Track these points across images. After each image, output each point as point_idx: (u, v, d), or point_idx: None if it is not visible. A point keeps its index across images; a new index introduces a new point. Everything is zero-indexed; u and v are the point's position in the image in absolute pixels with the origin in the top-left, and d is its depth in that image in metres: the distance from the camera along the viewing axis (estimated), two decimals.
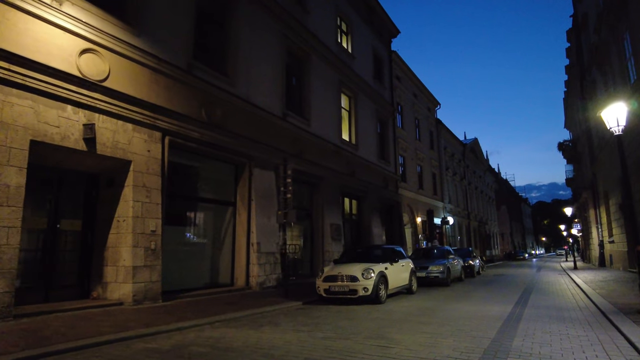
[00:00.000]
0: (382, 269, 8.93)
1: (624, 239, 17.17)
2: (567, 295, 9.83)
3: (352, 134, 18.68)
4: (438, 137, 33.21)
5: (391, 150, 22.94)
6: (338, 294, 8.57)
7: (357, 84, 19.09)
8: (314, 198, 14.98)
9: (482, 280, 15.99)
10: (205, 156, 10.83)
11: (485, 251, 43.53)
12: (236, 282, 11.12)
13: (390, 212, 22.18)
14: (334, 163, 16.09)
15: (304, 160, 14.13)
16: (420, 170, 28.38)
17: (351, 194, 17.85)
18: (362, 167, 18.66)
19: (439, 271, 12.61)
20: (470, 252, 19.12)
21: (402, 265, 10.13)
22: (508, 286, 12.87)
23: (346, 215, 17.69)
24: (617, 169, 17.74)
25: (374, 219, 19.10)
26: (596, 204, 22.93)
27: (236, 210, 11.46)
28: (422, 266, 12.69)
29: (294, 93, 14.87)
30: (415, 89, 28.95)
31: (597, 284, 11.62)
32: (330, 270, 8.98)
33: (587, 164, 25.77)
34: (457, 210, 35.83)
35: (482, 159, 49.70)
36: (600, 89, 19.45)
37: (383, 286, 8.79)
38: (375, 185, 19.74)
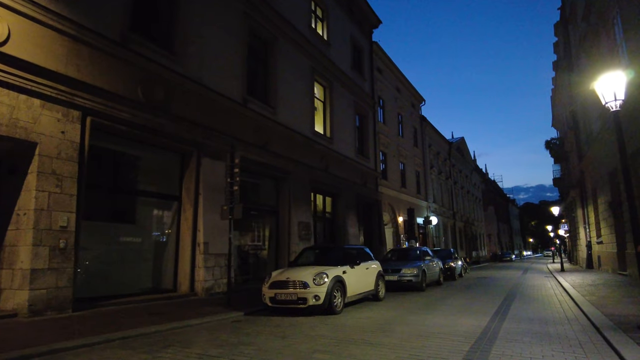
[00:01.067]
0: (338, 273, 7.61)
1: (613, 239, 16.12)
2: (553, 303, 8.63)
3: (326, 126, 17.39)
4: (422, 134, 32.08)
5: (371, 146, 21.70)
6: (285, 303, 7.24)
7: (332, 73, 17.80)
8: (280, 194, 13.63)
9: (462, 284, 14.78)
10: (143, 142, 9.41)
11: (471, 252, 42.56)
12: (179, 288, 9.72)
13: (369, 210, 20.93)
14: (304, 156, 14.77)
15: (269, 152, 12.79)
16: (403, 168, 27.20)
17: (324, 190, 16.54)
18: (338, 162, 17.37)
19: (412, 274, 11.33)
20: (451, 253, 17.92)
21: (366, 268, 8.83)
22: (489, 291, 11.66)
23: (318, 213, 16.38)
24: (606, 166, 16.73)
25: (350, 217, 17.82)
26: (584, 203, 21.95)
27: (181, 206, 10.06)
28: (394, 269, 11.42)
29: (258, 78, 13.52)
30: (398, 83, 27.77)
31: (586, 289, 10.47)
32: (278, 275, 7.64)
33: (575, 163, 24.83)
34: (442, 210, 34.75)
35: (469, 158, 48.80)
36: (588, 80, 18.43)
37: (339, 293, 7.47)
38: (352, 182, 18.47)
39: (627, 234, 14.04)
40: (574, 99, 22.78)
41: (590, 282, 12.53)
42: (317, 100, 17.38)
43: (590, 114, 18.85)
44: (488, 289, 12.53)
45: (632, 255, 13.64)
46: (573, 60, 21.83)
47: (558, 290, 11.54)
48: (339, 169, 17.36)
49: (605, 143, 16.21)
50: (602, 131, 16.04)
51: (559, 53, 26.73)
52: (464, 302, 9.03)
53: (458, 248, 37.57)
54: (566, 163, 30.14)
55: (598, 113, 16.69)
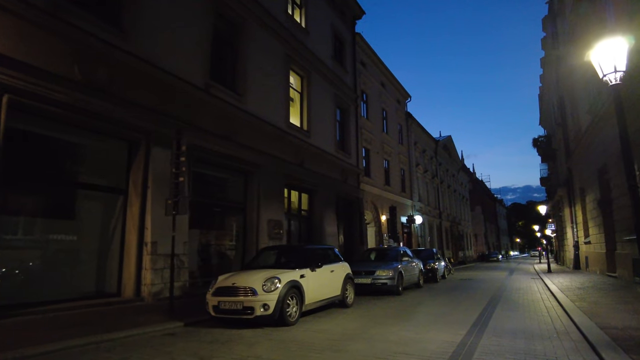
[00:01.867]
0: (295, 277, 6.60)
1: (602, 239, 15.39)
2: (540, 310, 7.73)
3: (303, 119, 16.36)
4: (408, 131, 31.23)
5: (353, 141, 20.73)
6: (229, 313, 6.19)
7: (310, 63, 16.78)
8: (248, 189, 12.55)
9: (444, 286, 13.88)
10: (83, 128, 8.29)
11: (457, 252, 41.92)
12: (123, 292, 8.60)
13: (350, 209, 19.95)
14: (277, 149, 13.73)
15: (235, 143, 11.72)
16: (387, 166, 26.30)
17: (300, 186, 15.51)
18: (316, 157, 16.36)
19: (387, 277, 10.36)
20: (433, 253, 17.02)
21: (331, 271, 7.82)
22: (471, 295, 10.77)
23: (293, 211, 15.35)
24: (594, 162, 16.01)
25: (328, 215, 16.82)
26: (572, 202, 21.28)
27: (128, 200, 8.95)
28: (367, 271, 10.46)
29: (225, 63, 12.44)
30: (383, 77, 26.86)
31: (575, 293, 9.62)
32: (224, 280, 6.60)
33: (562, 161, 24.20)
34: (428, 209, 33.97)
35: (456, 157, 48.20)
36: (577, 75, 17.71)
37: (295, 301, 6.46)
38: (331, 178, 17.47)
39: (617, 233, 13.29)
40: (561, 94, 22.11)
41: (579, 285, 11.72)
42: (294, 91, 16.36)
43: (578, 108, 18.14)
44: (470, 292, 11.64)
45: (622, 256, 12.88)
46: (561, 54, 21.14)
47: (545, 294, 10.69)
48: (316, 164, 16.36)
49: (593, 139, 15.47)
50: (590, 126, 15.29)
51: (547, 48, 26.09)
52: (441, 309, 8.09)
53: (444, 248, 36.87)
54: (553, 162, 29.57)
55: (587, 108, 15.95)
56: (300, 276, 6.71)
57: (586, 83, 15.96)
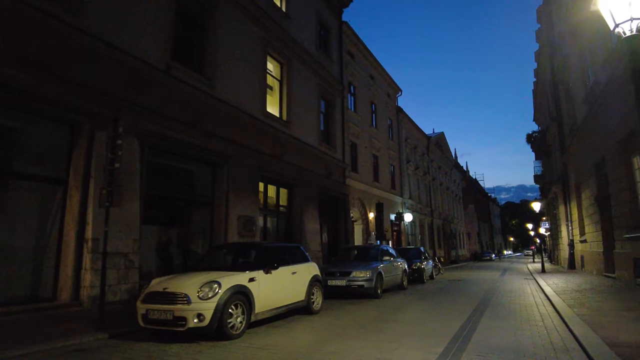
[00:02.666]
0: (241, 281, 5.54)
1: (599, 237, 14.47)
2: (533, 319, 6.74)
3: (283, 108, 15.31)
4: (399, 126, 30.25)
5: (338, 135, 19.71)
6: (158, 324, 5.13)
7: (291, 50, 15.73)
8: (216, 182, 11.48)
9: (430, 288, 12.88)
10: (14, 109, 7.21)
11: (449, 251, 41.06)
12: (59, 296, 7.51)
13: (334, 205, 18.95)
14: (252, 140, 12.68)
15: (201, 131, 10.66)
16: (376, 161, 25.30)
17: (278, 180, 14.46)
18: (296, 150, 15.32)
19: (364, 278, 9.34)
20: (421, 252, 16.02)
21: (292, 272, 6.79)
22: (458, 299, 9.78)
23: (270, 206, 14.30)
24: (592, 156, 15.09)
25: (309, 212, 15.79)
26: (567, 199, 20.39)
27: (67, 192, 7.85)
28: (343, 271, 9.43)
29: (192, 44, 11.38)
30: (372, 70, 25.85)
31: (572, 296, 8.67)
32: (158, 284, 5.54)
33: (557, 157, 23.32)
34: (419, 207, 33.03)
35: (449, 154, 47.33)
36: (573, 64, 16.79)
37: (240, 310, 5.41)
38: (313, 172, 16.44)
39: (616, 231, 12.36)
40: (556, 85, 21.20)
41: (576, 287, 10.78)
42: (273, 79, 15.32)
43: (574, 100, 17.23)
44: (457, 295, 10.66)
45: (622, 256, 11.95)
46: (556, 44, 20.23)
47: (539, 297, 9.72)
48: (297, 157, 15.32)
49: (591, 131, 14.55)
50: (588, 117, 14.37)
51: (541, 40, 25.20)
52: (420, 316, 7.09)
53: (436, 247, 35.98)
54: (548, 158, 28.74)
55: (583, 98, 15.02)
56: (249, 280, 5.65)
57: (583, 70, 15.04)
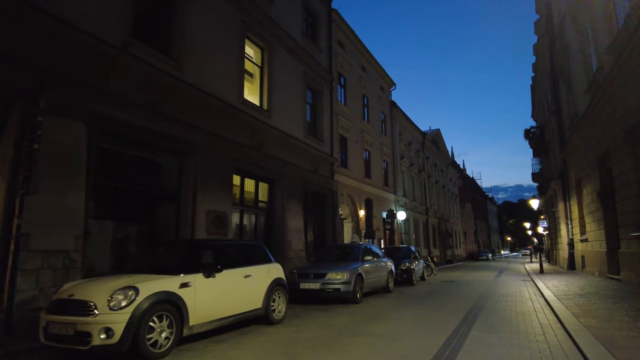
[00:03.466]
0: (169, 287, 4.47)
1: (602, 236, 13.47)
2: (533, 331, 5.71)
3: (264, 97, 14.24)
4: (392, 121, 29.21)
5: (326, 127, 18.66)
6: (58, 340, 4.06)
7: (273, 34, 14.65)
8: (183, 173, 10.41)
9: (419, 290, 11.84)
10: None
11: (445, 250, 40.08)
12: None
13: (321, 202, 17.90)
14: (225, 128, 11.61)
15: (165, 117, 9.59)
16: (367, 157, 24.25)
17: (257, 174, 13.39)
18: (278, 141, 14.26)
19: (341, 280, 8.28)
20: (410, 251, 14.96)
21: (246, 275, 5.72)
22: (447, 304, 8.74)
23: (247, 202, 13.22)
24: (594, 149, 14.08)
25: (292, 208, 14.74)
26: (566, 196, 19.40)
27: None
28: (317, 273, 8.38)
29: (155, 21, 10.29)
30: (364, 61, 24.80)
31: (576, 302, 7.64)
32: (66, 290, 4.47)
33: (556, 153, 22.34)
34: (413, 205, 32.00)
35: (445, 152, 46.33)
36: (574, 52, 15.78)
37: (166, 322, 4.36)
38: (297, 166, 15.38)
39: (622, 229, 11.35)
40: (555, 77, 20.21)
41: (579, 290, 9.76)
42: (254, 66, 14.26)
43: (575, 91, 16.23)
44: (447, 299, 9.62)
45: (628, 256, 10.93)
46: (556, 32, 19.22)
47: (539, 302, 8.69)
48: (279, 149, 14.26)
49: (593, 122, 13.55)
50: (590, 107, 13.36)
51: (540, 31, 24.18)
52: (399, 328, 6.03)
53: (431, 246, 35.00)
54: (546, 155, 27.78)
55: (585, 87, 14.01)
56: (181, 285, 4.59)
57: (585, 57, 14.03)
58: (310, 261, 10.27)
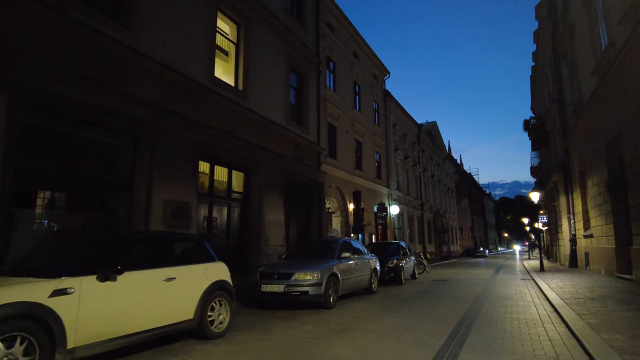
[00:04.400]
0: (28, 296, 3.14)
1: (610, 231, 12.25)
2: (542, 351, 4.47)
3: (239, 76, 12.91)
4: (386, 111, 27.91)
5: (312, 113, 17.35)
6: None
7: (252, 9, 13.30)
8: (138, 158, 9.09)
9: (407, 291, 10.59)
10: None
11: (441, 246, 38.93)
12: None
13: (307, 194, 16.63)
14: (190, 109, 10.31)
15: (115, 92, 8.27)
16: (358, 147, 22.96)
17: (230, 161, 12.09)
18: (255, 126, 12.97)
19: (310, 282, 7.00)
20: (400, 247, 13.66)
21: (166, 278, 4.41)
22: (437, 309, 7.50)
23: (218, 192, 11.93)
24: (602, 135, 12.83)
25: (272, 200, 13.46)
26: (568, 188, 18.19)
27: None
28: (282, 273, 7.11)
29: None
30: (355, 47, 23.45)
31: (589, 308, 6.41)
32: None
33: (557, 144, 21.12)
34: (408, 199, 30.76)
35: (442, 145, 45.07)
36: (580, 32, 14.50)
37: (23, 345, 3.07)
38: (278, 154, 14.10)
39: (635, 222, 10.11)
40: (558, 62, 18.93)
41: (588, 292, 8.53)
42: (229, 44, 12.93)
43: (580, 74, 14.96)
44: (437, 303, 8.38)
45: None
46: (559, 12, 17.92)
47: (543, 307, 7.46)
48: (256, 134, 12.96)
49: (601, 106, 12.30)
50: (597, 90, 12.11)
51: (541, 16, 22.87)
52: (368, 347, 4.76)
53: (426, 242, 33.83)
54: (546, 147, 26.56)
55: (592, 67, 12.73)
56: (54, 292, 3.29)
57: (593, 35, 12.74)
58: (280, 258, 9.02)
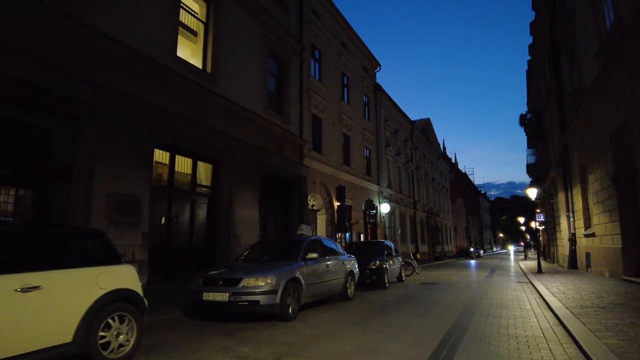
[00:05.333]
0: None
1: (616, 229, 11.10)
2: None
3: (207, 58, 11.68)
4: (377, 105, 26.72)
5: (294, 103, 16.16)
6: None
7: None
8: (77, 144, 7.83)
9: (389, 297, 9.36)
10: None
11: (434, 246, 37.81)
12: None
13: (287, 189, 15.43)
14: (147, 90, 9.08)
15: (52, 68, 7.03)
16: (346, 142, 21.75)
17: (195, 151, 10.84)
18: (227, 113, 11.77)
19: (263, 289, 5.71)
20: (385, 247, 12.40)
21: (20, 288, 3.13)
22: (416, 322, 6.30)
23: (180, 186, 10.68)
24: (606, 126, 11.67)
25: (245, 195, 12.24)
26: (568, 185, 17.07)
27: None
28: (228, 279, 5.87)
29: None
30: (344, 36, 22.24)
31: (604, 322, 5.24)
32: None
33: (555, 139, 20.02)
34: (400, 197, 29.60)
35: (436, 143, 43.95)
36: (581, 14, 13.36)
37: None
38: (253, 145, 12.88)
39: None
40: (556, 50, 17.82)
41: (596, 299, 7.36)
42: (198, 22, 11.71)
43: (581, 61, 13.83)
44: (420, 313, 7.17)
45: None
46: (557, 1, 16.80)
47: (546, 319, 6.27)
48: (228, 123, 11.76)
49: (605, 92, 11.17)
50: (602, 75, 10.97)
51: (538, 3, 21.76)
52: None
53: (418, 241, 32.67)
54: (543, 142, 25.46)
55: (595, 52, 11.59)
56: None
57: (596, 16, 11.60)
58: (238, 259, 7.79)
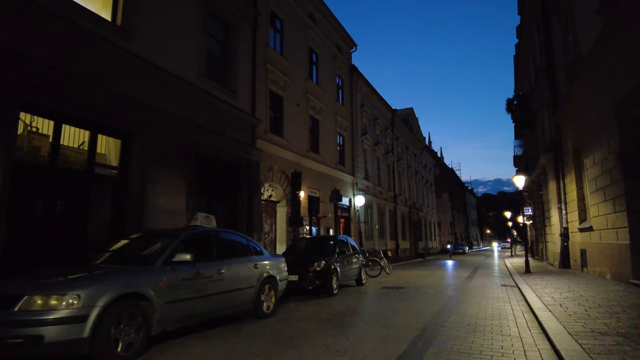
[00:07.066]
0: None
1: (621, 221, 9.00)
2: None
3: (118, 7, 9.25)
4: (352, 89, 24.45)
5: (244, 76, 13.81)
6: None
7: None
8: None
9: (325, 312, 6.97)
10: None
11: (417, 242, 35.79)
12: None
13: (234, 176, 13.08)
14: (23, 38, 6.66)
15: None
16: (315, 125, 19.46)
17: (94, 121, 8.41)
18: (144, 77, 9.40)
19: (57, 316, 3.17)
20: (339, 244, 9.98)
21: None
22: (350, 353, 4.05)
23: (69, 164, 8.24)
24: (610, 95, 9.59)
25: (164, 179, 9.86)
26: (559, 172, 15.03)
27: None
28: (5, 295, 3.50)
29: None
30: (313, 9, 19.90)
31: (616, 345, 3.06)
32: None
33: (545, 123, 17.99)
34: (378, 190, 27.43)
35: (419, 134, 41.90)
36: None
37: None
38: (182, 118, 10.53)
39: None
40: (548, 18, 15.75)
41: (608, 317, 5.19)
42: None
43: (578, 24, 11.71)
44: (351, 342, 4.91)
45: None
46: None
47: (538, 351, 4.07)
48: (145, 89, 9.38)
49: (610, 56, 9.06)
50: (603, 34, 8.84)
51: None
52: None
53: (399, 237, 30.58)
54: (531, 130, 23.50)
55: (597, 6, 9.41)
56: None
57: None
58: (91, 261, 5.41)
